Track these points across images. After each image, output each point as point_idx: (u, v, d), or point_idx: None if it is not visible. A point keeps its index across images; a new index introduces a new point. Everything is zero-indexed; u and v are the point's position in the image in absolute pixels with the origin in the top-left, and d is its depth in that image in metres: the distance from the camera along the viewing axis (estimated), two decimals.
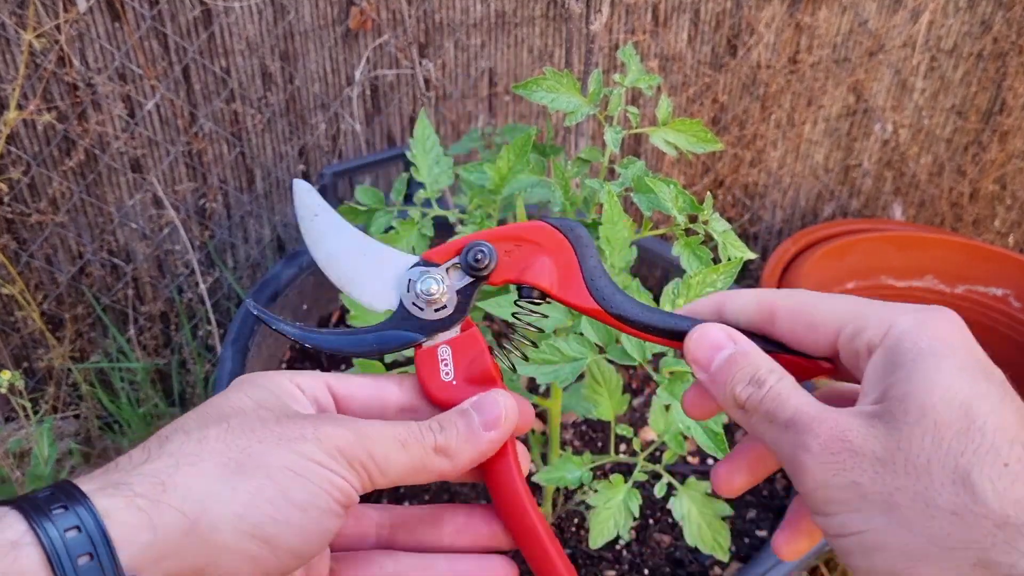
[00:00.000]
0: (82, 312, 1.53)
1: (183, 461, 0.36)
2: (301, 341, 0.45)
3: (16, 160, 1.35)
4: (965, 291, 1.76)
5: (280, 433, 0.38)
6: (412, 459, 0.41)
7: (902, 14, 1.75)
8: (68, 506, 0.33)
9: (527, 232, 0.47)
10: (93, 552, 0.32)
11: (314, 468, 0.38)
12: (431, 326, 0.46)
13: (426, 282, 0.45)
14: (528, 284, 0.46)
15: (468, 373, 0.45)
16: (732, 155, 1.82)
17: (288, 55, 1.42)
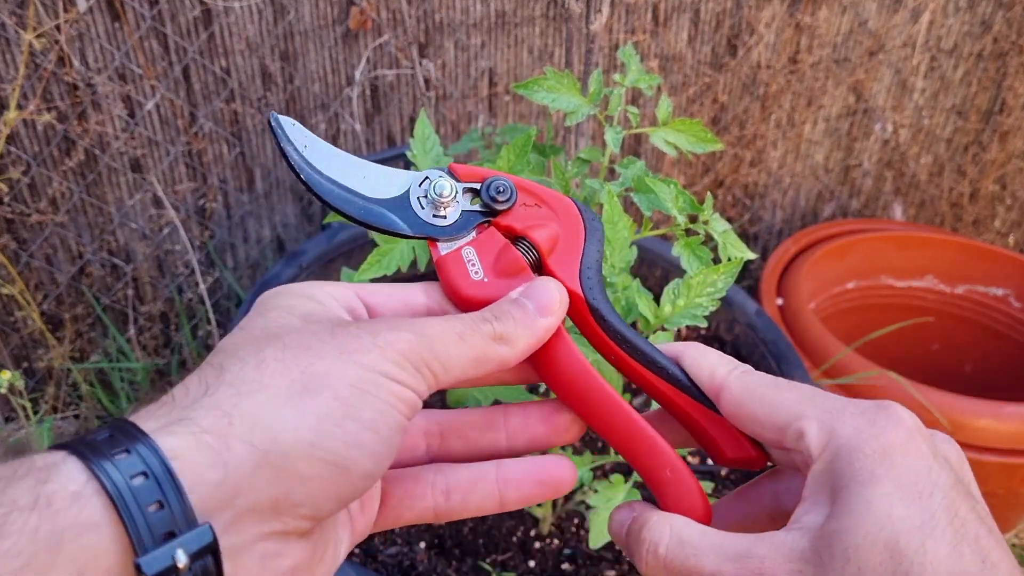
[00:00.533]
0: (82, 312, 1.53)
1: (245, 389, 0.34)
2: (296, 170, 0.43)
3: (16, 160, 1.35)
4: (965, 291, 1.76)
5: (339, 346, 0.36)
6: (474, 350, 0.40)
7: (902, 14, 1.75)
8: (131, 449, 0.31)
9: (552, 198, 0.46)
10: (163, 499, 0.30)
11: (381, 381, 0.36)
12: (422, 227, 0.44)
13: (440, 184, 0.44)
14: (529, 240, 0.45)
15: (497, 268, 0.44)
16: (732, 155, 1.82)
17: (288, 55, 1.42)
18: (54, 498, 0.29)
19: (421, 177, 0.45)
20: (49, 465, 0.30)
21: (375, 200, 0.44)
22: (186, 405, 0.33)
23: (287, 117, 0.44)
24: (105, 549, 0.29)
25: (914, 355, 1.73)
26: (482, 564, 0.97)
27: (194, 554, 0.30)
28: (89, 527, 0.29)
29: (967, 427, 1.30)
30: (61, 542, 0.28)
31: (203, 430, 0.32)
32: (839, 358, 1.38)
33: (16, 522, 0.28)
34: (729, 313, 1.30)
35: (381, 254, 0.74)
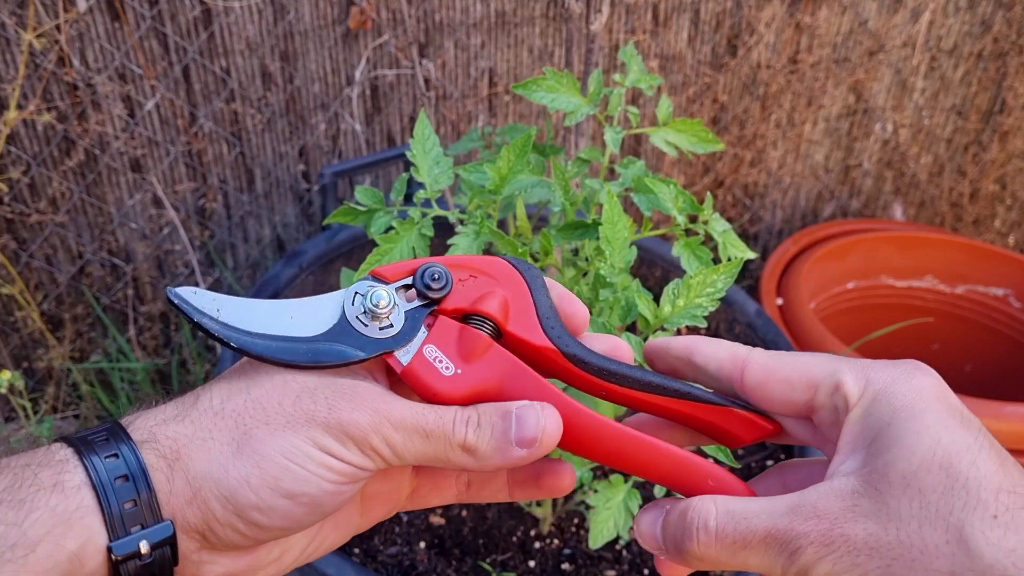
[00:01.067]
0: (82, 312, 1.53)
1: (198, 435, 0.39)
2: (224, 340, 0.42)
3: (16, 160, 1.35)
4: (965, 291, 1.76)
5: (292, 413, 0.39)
6: (434, 451, 0.41)
7: (902, 14, 1.75)
8: (119, 453, 0.38)
9: (483, 265, 0.45)
10: (136, 499, 0.37)
11: (313, 454, 0.39)
12: (375, 345, 0.42)
13: (375, 295, 0.43)
14: (481, 314, 0.44)
15: (464, 355, 0.43)
16: (732, 155, 1.82)
17: (288, 55, 1.42)
18: (67, 485, 0.37)
19: (351, 296, 0.43)
20: (65, 459, 0.38)
21: (316, 338, 0.42)
22: (160, 421, 0.40)
23: (185, 288, 0.42)
24: (96, 530, 0.37)
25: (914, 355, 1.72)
26: (482, 564, 0.97)
27: (155, 544, 0.38)
28: (88, 512, 0.37)
29: None
30: (71, 519, 0.36)
31: (161, 455, 0.39)
32: None
33: (43, 499, 0.36)
34: (729, 313, 1.30)
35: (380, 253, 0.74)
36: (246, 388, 0.40)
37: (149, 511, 0.38)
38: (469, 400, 0.43)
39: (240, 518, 0.39)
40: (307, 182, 1.57)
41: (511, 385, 0.43)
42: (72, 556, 0.36)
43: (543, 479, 0.47)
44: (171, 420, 0.40)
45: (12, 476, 0.37)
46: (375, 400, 0.40)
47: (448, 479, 0.48)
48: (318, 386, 0.40)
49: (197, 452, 0.39)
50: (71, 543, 0.36)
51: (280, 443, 0.38)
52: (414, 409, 0.41)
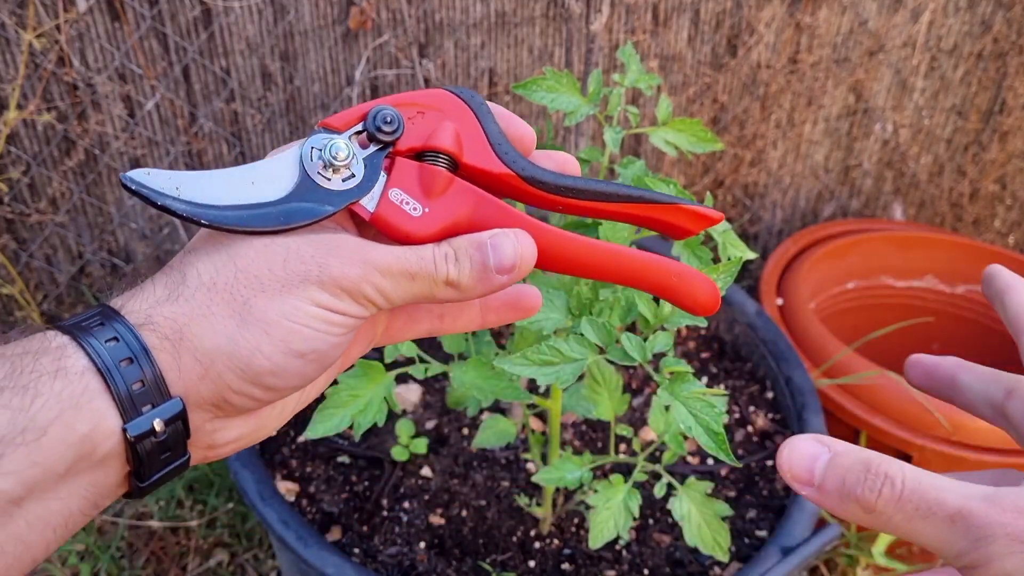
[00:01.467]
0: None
1: (197, 312, 0.39)
2: (194, 219, 0.41)
3: (16, 160, 1.35)
4: (965, 291, 1.76)
5: (284, 277, 0.40)
6: (420, 290, 0.42)
7: (902, 14, 1.75)
8: (120, 337, 0.38)
9: (428, 99, 0.45)
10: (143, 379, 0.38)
11: (313, 312, 0.40)
12: (342, 197, 0.43)
13: (333, 147, 0.43)
14: (437, 150, 0.44)
15: (428, 193, 0.43)
16: (732, 155, 1.82)
17: (288, 55, 1.42)
18: (70, 370, 0.37)
19: (308, 151, 0.43)
20: (62, 345, 0.38)
21: (282, 200, 0.42)
22: (153, 303, 0.40)
23: (138, 171, 0.42)
24: (106, 412, 0.37)
25: None
26: (482, 564, 0.97)
27: (168, 420, 0.38)
28: (96, 395, 0.37)
29: (966, 427, 1.30)
30: (79, 403, 0.36)
31: (163, 336, 0.39)
32: (839, 358, 1.38)
33: (46, 384, 0.36)
34: (729, 313, 1.30)
35: None
36: (230, 259, 0.41)
37: (157, 390, 0.38)
38: (441, 237, 0.43)
39: (256, 385, 0.40)
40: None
41: (478, 215, 0.44)
42: (84, 438, 0.36)
43: (519, 303, 0.49)
44: (164, 301, 0.40)
45: (10, 365, 0.36)
46: (358, 251, 0.41)
47: (421, 312, 0.49)
48: (300, 246, 0.41)
49: (201, 329, 0.39)
50: (82, 426, 0.36)
51: (281, 307, 0.39)
52: (395, 253, 0.41)
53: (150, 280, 0.41)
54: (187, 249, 0.43)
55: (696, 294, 0.46)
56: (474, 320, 0.50)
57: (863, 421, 1.34)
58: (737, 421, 1.20)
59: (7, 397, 0.35)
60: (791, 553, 0.93)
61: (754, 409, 1.22)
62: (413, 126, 0.44)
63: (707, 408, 0.64)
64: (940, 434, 1.31)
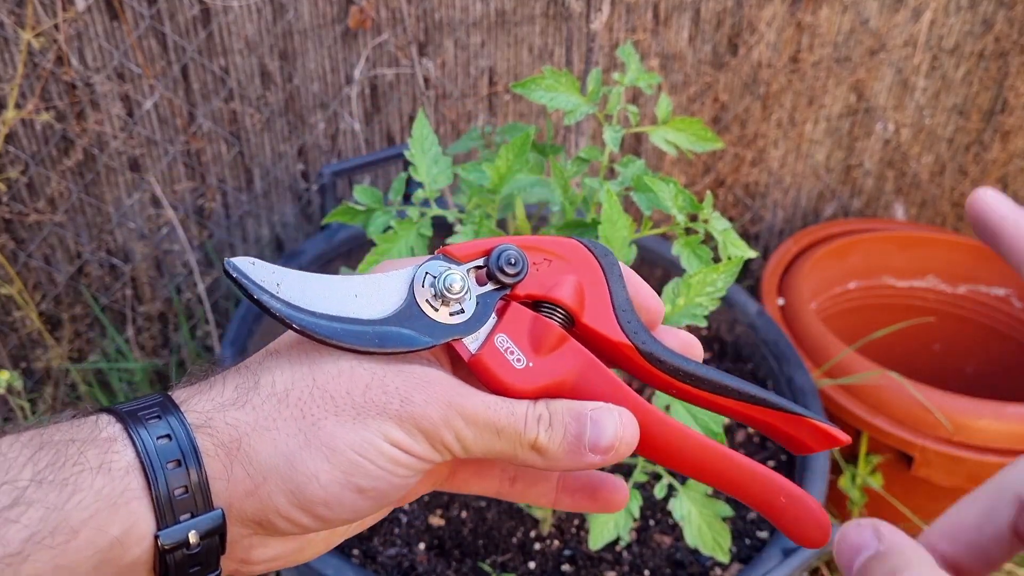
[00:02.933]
0: (80, 312, 1.52)
1: (260, 423, 0.37)
2: (287, 320, 0.38)
3: (14, 159, 1.34)
4: (967, 291, 1.76)
5: (362, 405, 0.37)
6: (503, 448, 0.39)
7: (904, 13, 1.74)
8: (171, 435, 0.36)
9: (558, 247, 0.42)
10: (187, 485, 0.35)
11: (384, 448, 0.37)
12: (445, 331, 0.40)
13: (449, 277, 0.40)
14: (555, 303, 0.41)
15: (536, 347, 0.40)
16: (733, 154, 1.82)
17: (287, 54, 1.42)
18: (114, 467, 0.35)
19: (421, 276, 0.40)
20: (112, 437, 0.36)
21: (381, 320, 0.39)
22: (218, 405, 0.38)
23: (243, 259, 0.39)
24: (142, 516, 0.35)
25: (915, 355, 1.73)
26: (482, 565, 0.97)
27: (204, 534, 0.36)
28: (135, 496, 0.35)
29: (968, 427, 1.30)
30: (117, 504, 0.34)
31: (218, 443, 0.36)
32: (840, 358, 1.38)
33: (87, 480, 0.34)
34: (730, 313, 1.30)
35: (379, 253, 0.73)
36: (310, 373, 0.38)
37: (201, 498, 0.36)
38: (539, 395, 0.40)
39: (305, 512, 0.37)
40: (306, 181, 1.56)
41: (584, 382, 0.40)
42: (114, 542, 0.34)
43: (599, 492, 0.44)
44: (230, 405, 0.37)
45: (55, 453, 0.34)
46: (447, 392, 0.38)
47: (494, 469, 0.45)
48: (387, 374, 0.38)
49: (260, 443, 0.36)
50: (115, 528, 0.34)
51: (350, 437, 0.36)
52: (486, 403, 0.38)
53: (221, 378, 0.39)
54: (268, 350, 0.40)
55: (803, 523, 0.40)
56: (546, 495, 0.45)
57: (864, 422, 1.34)
58: (737, 422, 1.20)
59: (44, 492, 0.33)
60: (792, 554, 0.92)
61: None
62: (536, 272, 0.42)
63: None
64: (941, 434, 1.31)
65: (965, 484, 1.32)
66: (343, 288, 0.40)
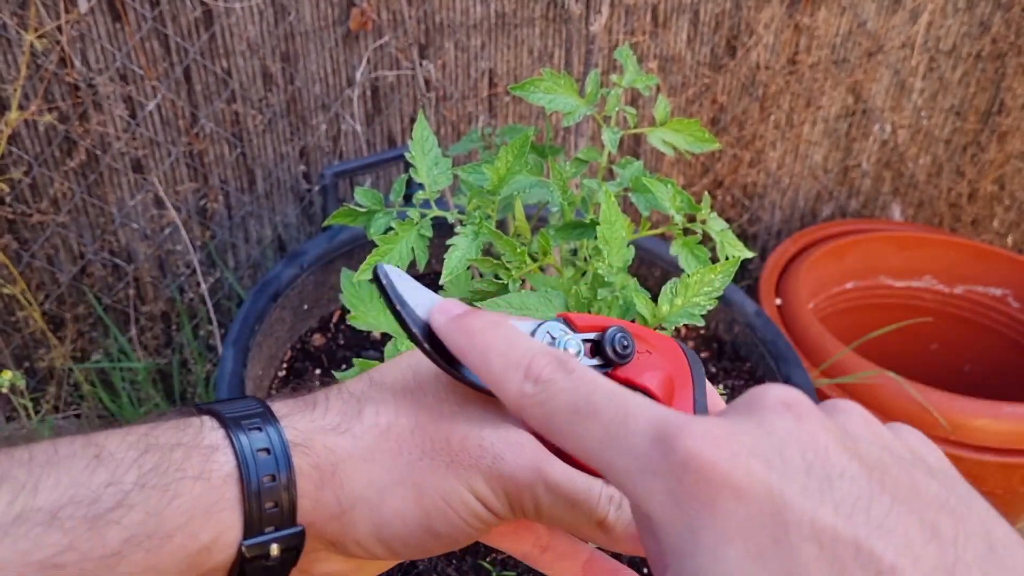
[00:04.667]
0: (83, 312, 1.53)
1: (359, 453, 0.38)
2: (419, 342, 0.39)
3: (17, 160, 1.35)
4: (964, 291, 1.76)
5: (457, 454, 0.38)
6: (572, 520, 0.40)
7: (901, 15, 1.75)
8: (270, 449, 0.37)
9: (659, 341, 0.45)
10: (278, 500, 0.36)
11: (468, 500, 0.38)
12: None
13: (569, 342, 0.41)
14: (648, 392, 0.42)
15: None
16: (731, 155, 1.83)
17: (289, 56, 1.43)
18: (213, 476, 0.36)
19: (542, 332, 0.41)
20: (214, 445, 0.37)
21: None
22: (320, 427, 0.38)
23: (392, 268, 0.39)
24: (232, 525, 0.36)
25: (913, 355, 1.74)
26: (482, 563, 0.98)
27: (285, 548, 0.37)
28: (228, 505, 0.36)
29: (965, 427, 1.30)
30: (211, 512, 0.35)
31: (314, 465, 0.37)
32: (838, 358, 1.39)
33: (187, 487, 0.35)
34: (728, 313, 1.31)
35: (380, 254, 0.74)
36: (414, 412, 0.39)
37: (289, 514, 0.37)
38: None
39: (382, 544, 0.38)
40: (308, 183, 1.57)
41: None
42: (203, 548, 0.35)
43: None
44: (331, 430, 0.38)
45: (160, 456, 0.35)
46: (536, 457, 0.39)
47: (529, 534, 0.45)
48: (484, 428, 0.39)
49: (356, 472, 0.38)
50: (205, 535, 0.35)
51: (441, 483, 0.38)
52: (569, 475, 0.39)
53: (325, 398, 0.40)
54: (374, 379, 0.41)
55: None
56: (570, 571, 0.46)
57: None
58: None
59: (146, 495, 0.34)
60: None
61: None
62: (638, 360, 0.43)
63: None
64: (939, 434, 1.32)
65: None
66: None
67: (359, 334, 1.26)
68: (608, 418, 0.29)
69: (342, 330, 1.27)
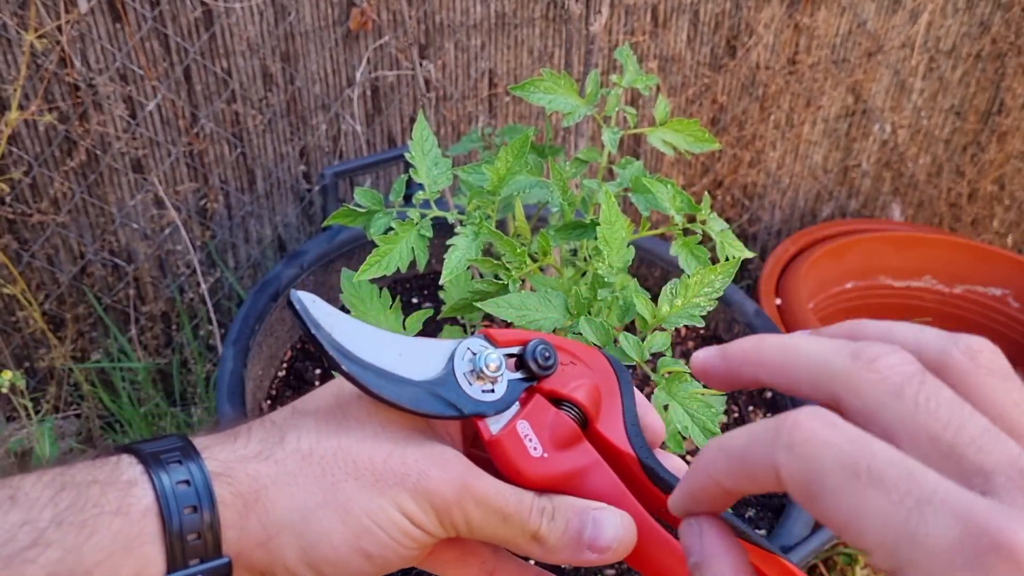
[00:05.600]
0: (83, 312, 1.53)
1: (281, 478, 0.38)
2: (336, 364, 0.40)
3: (18, 160, 1.35)
4: (964, 291, 1.77)
5: (382, 473, 0.38)
6: (505, 534, 0.40)
7: (901, 15, 1.75)
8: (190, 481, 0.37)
9: (584, 353, 0.45)
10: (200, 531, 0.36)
11: (395, 519, 0.38)
12: (471, 404, 0.42)
13: (488, 357, 0.42)
14: (575, 403, 0.43)
15: (554, 440, 0.42)
16: (731, 155, 1.83)
17: (289, 56, 1.43)
18: (132, 510, 0.35)
19: (462, 350, 0.43)
20: (132, 480, 0.36)
21: (420, 383, 0.41)
22: (240, 457, 0.39)
23: (307, 295, 0.40)
24: (154, 559, 0.35)
25: None
26: None
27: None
28: (149, 539, 0.35)
29: None
30: (131, 547, 0.35)
31: (236, 493, 0.37)
32: None
33: (105, 523, 0.35)
34: (728, 313, 1.31)
35: (380, 255, 0.74)
36: (336, 436, 0.39)
37: (212, 545, 0.36)
38: (548, 486, 0.42)
39: (311, 569, 0.38)
40: (308, 182, 1.57)
41: (591, 482, 0.42)
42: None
43: None
44: (252, 458, 0.38)
45: (76, 494, 0.35)
46: (462, 473, 0.39)
47: (475, 559, 0.45)
48: (408, 447, 0.40)
49: (279, 497, 0.38)
50: (127, 571, 0.35)
51: (367, 503, 0.38)
52: (498, 488, 0.40)
53: (246, 429, 0.40)
54: (296, 408, 0.42)
55: None
56: None
57: None
58: (736, 420, 1.21)
59: (63, 533, 0.34)
60: (790, 552, 0.93)
61: (753, 408, 1.22)
62: (562, 371, 0.44)
63: (704, 408, 0.65)
64: None
65: None
66: (389, 345, 0.42)
67: None
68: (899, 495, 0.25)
69: None
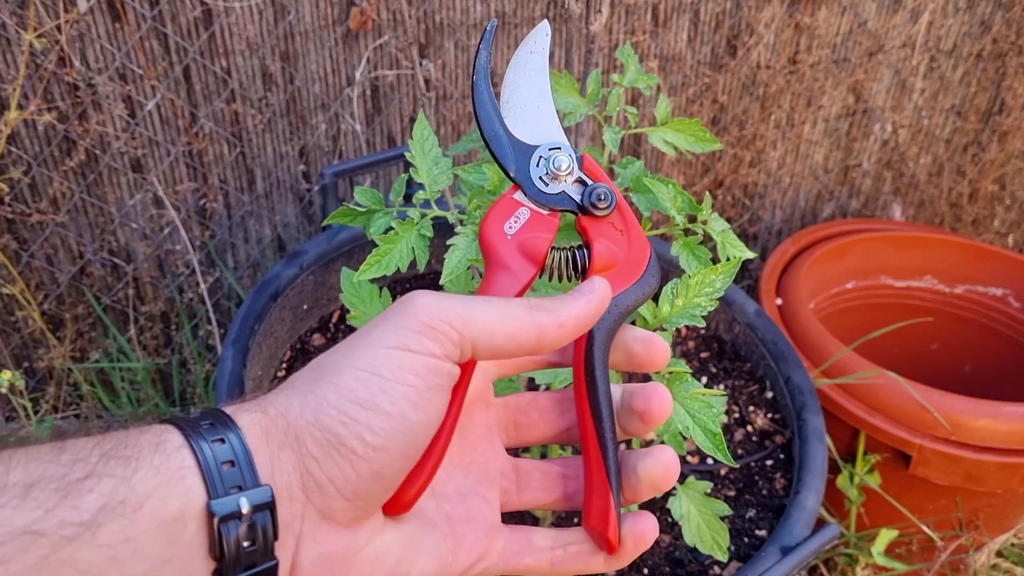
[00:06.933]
0: (82, 312, 1.53)
1: (284, 390, 0.41)
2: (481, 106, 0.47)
3: (17, 160, 1.35)
4: (964, 291, 1.76)
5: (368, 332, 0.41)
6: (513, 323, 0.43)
7: (902, 14, 1.75)
8: (225, 438, 0.39)
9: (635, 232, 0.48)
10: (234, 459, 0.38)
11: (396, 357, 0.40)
12: (525, 176, 0.47)
13: (560, 159, 0.47)
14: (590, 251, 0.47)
15: (525, 242, 0.46)
16: (732, 155, 1.83)
17: (288, 55, 1.43)
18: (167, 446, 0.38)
19: (557, 146, 0.48)
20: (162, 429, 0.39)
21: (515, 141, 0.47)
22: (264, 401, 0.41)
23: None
24: (196, 489, 0.37)
25: (913, 355, 1.73)
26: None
27: (256, 506, 0.37)
28: (189, 472, 0.37)
29: (966, 427, 1.30)
30: (174, 478, 0.37)
31: (249, 410, 0.40)
32: (838, 358, 1.39)
33: (147, 457, 0.37)
34: (728, 313, 1.30)
35: (380, 254, 0.74)
36: (347, 352, 0.41)
37: (248, 472, 0.38)
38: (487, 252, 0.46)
39: (333, 447, 0.39)
40: (307, 182, 1.57)
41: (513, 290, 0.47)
42: (176, 516, 0.36)
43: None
44: (251, 400, 0.42)
45: (116, 440, 0.37)
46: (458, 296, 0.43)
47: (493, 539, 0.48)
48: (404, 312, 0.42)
49: (279, 397, 0.41)
50: (175, 501, 0.36)
51: (360, 358, 0.40)
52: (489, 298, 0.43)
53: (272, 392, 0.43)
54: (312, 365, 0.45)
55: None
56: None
57: (862, 421, 1.35)
58: (736, 420, 1.20)
59: (113, 466, 0.36)
60: (790, 552, 0.93)
61: (753, 409, 1.22)
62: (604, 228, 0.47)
63: (705, 409, 0.65)
64: (939, 433, 1.32)
65: (963, 483, 1.33)
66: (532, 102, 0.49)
67: None
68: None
69: (342, 330, 1.27)
